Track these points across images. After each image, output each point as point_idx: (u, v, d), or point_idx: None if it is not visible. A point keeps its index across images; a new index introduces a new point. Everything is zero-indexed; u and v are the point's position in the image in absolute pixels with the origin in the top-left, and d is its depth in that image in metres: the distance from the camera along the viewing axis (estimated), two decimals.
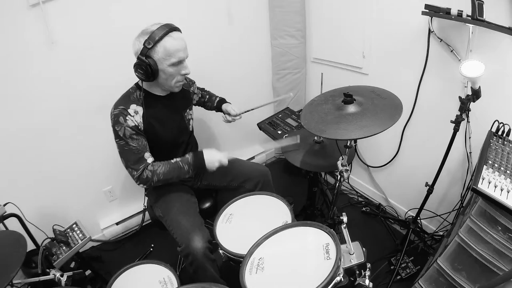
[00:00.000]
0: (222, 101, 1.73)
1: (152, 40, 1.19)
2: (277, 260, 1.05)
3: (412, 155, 1.87)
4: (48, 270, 1.34)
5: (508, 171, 1.19)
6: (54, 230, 1.52)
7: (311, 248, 1.03)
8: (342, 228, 0.99)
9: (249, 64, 2.24)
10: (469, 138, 1.54)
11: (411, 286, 1.53)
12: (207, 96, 1.74)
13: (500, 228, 1.21)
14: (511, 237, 1.19)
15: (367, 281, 1.01)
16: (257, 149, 2.54)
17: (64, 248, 1.47)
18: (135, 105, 1.31)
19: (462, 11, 1.24)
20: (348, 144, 1.24)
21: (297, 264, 1.01)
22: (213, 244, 1.32)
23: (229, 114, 1.66)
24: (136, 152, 1.32)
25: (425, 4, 1.31)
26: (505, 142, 1.30)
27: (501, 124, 1.31)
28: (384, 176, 2.10)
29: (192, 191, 1.59)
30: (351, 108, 1.14)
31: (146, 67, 1.22)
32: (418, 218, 1.77)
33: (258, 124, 1.88)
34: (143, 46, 1.21)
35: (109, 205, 2.06)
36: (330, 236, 1.04)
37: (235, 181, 1.63)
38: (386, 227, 2.01)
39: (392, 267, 1.75)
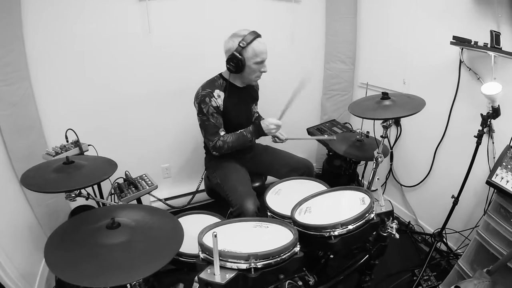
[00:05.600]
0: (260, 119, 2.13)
1: (245, 42, 1.66)
2: (322, 207, 1.43)
3: (442, 176, 2.18)
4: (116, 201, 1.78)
5: None
6: (126, 174, 1.91)
7: (350, 200, 1.41)
8: (376, 181, 1.36)
9: None
10: (494, 158, 1.85)
11: None
12: (256, 115, 2.16)
13: None
14: None
15: (394, 231, 1.35)
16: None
17: (133, 189, 1.84)
18: (219, 90, 1.77)
19: (487, 43, 1.68)
20: (383, 135, 1.66)
21: (337, 209, 1.39)
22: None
23: (278, 138, 2.03)
24: (214, 127, 1.79)
25: (453, 36, 1.77)
26: None
27: None
28: (416, 196, 2.39)
29: (247, 170, 1.98)
30: (386, 102, 1.59)
31: (238, 61, 1.68)
32: (444, 232, 2.03)
33: (307, 129, 2.34)
34: (237, 45, 1.67)
35: (162, 181, 2.54)
36: (366, 193, 1.41)
37: (283, 169, 2.02)
38: (413, 243, 2.25)
39: (414, 278, 1.97)
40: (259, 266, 1.03)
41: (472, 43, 1.71)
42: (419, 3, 2.11)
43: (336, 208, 1.41)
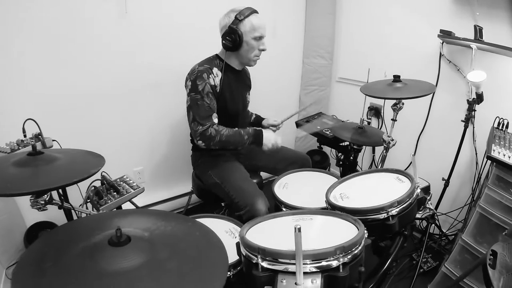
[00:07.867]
0: (259, 118, 2.14)
1: (242, 15, 1.63)
2: (358, 192, 1.42)
3: (426, 162, 2.40)
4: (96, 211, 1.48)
5: (511, 147, 1.77)
6: (103, 176, 1.62)
7: (385, 181, 1.44)
8: (412, 157, 1.43)
9: (282, 75, 2.83)
10: (475, 141, 2.14)
11: (434, 276, 1.90)
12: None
13: None
14: None
15: (431, 205, 1.43)
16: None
17: (114, 193, 1.56)
18: (217, 69, 1.69)
19: (465, 37, 1.97)
20: (394, 118, 1.79)
21: (377, 191, 1.40)
22: None
23: (273, 126, 2.04)
24: (208, 109, 1.65)
25: (440, 29, 2.02)
26: (505, 133, 1.92)
27: (501, 120, 1.94)
28: None
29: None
30: (397, 84, 1.73)
31: (235, 35, 1.62)
32: (436, 215, 2.24)
33: (296, 122, 2.37)
34: (234, 18, 1.63)
35: None
36: (399, 172, 1.46)
37: (281, 164, 2.01)
38: None
39: (414, 262, 2.13)
40: (347, 261, 0.91)
41: (455, 35, 1.99)
42: None
43: (375, 190, 1.41)
